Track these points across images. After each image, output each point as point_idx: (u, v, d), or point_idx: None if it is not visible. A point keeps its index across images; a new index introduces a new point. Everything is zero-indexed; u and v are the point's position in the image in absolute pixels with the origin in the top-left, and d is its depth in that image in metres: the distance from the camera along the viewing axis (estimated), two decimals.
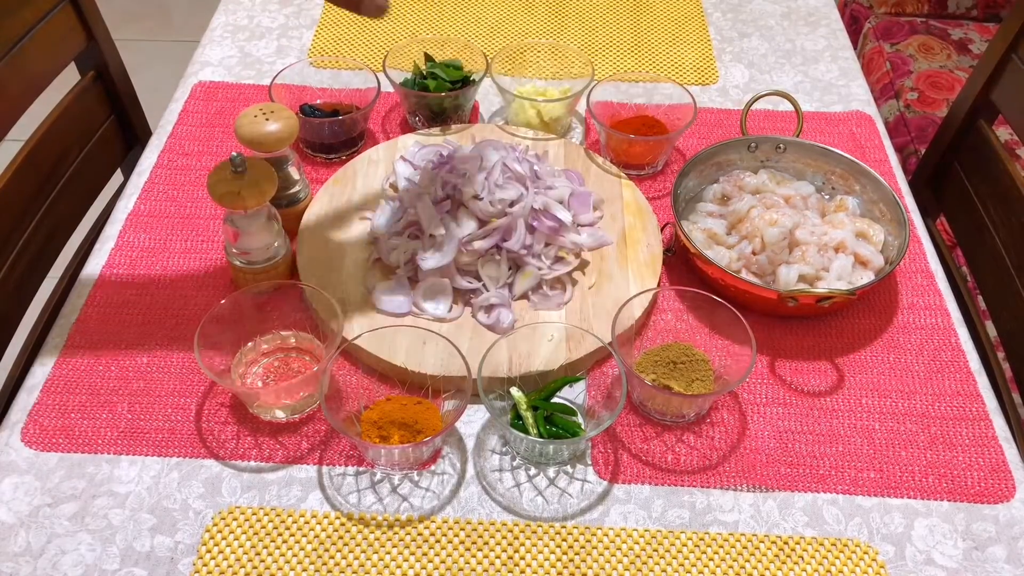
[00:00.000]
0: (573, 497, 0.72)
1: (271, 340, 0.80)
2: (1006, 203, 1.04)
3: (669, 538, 0.69)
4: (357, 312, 0.82)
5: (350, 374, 0.78)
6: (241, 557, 0.67)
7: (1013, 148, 1.51)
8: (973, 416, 0.78)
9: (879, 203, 0.91)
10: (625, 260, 0.87)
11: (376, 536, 0.69)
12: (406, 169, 0.93)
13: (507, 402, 0.75)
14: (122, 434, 0.74)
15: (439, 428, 0.71)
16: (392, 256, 0.84)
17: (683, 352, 0.78)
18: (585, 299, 0.84)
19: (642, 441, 0.76)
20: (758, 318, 0.83)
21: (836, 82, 1.15)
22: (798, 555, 0.69)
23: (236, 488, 0.71)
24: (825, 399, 0.79)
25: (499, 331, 0.80)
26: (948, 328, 0.86)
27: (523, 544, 0.69)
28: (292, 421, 0.76)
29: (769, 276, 0.85)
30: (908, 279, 0.90)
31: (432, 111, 1.02)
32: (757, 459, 0.75)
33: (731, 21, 1.26)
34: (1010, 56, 1.07)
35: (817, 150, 0.95)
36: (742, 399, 0.79)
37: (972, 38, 1.80)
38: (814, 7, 1.29)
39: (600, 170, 0.97)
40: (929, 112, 1.62)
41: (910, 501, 0.72)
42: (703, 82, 1.14)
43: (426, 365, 0.76)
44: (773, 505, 0.72)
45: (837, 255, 0.85)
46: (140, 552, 0.67)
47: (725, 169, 0.96)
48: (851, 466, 0.74)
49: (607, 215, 0.92)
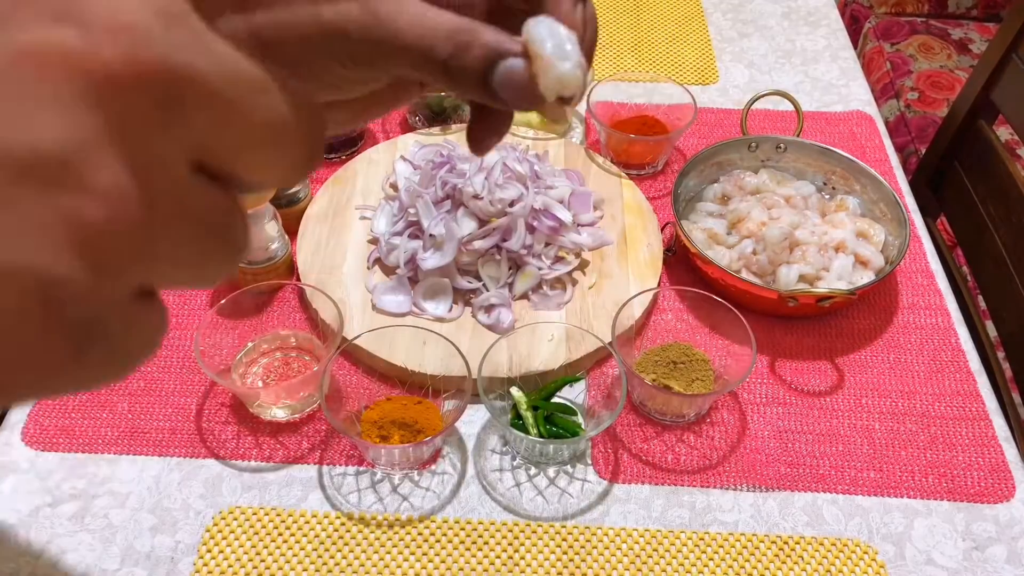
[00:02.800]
0: (573, 497, 0.72)
1: (271, 340, 0.80)
2: (1006, 203, 1.04)
3: (669, 538, 0.69)
4: (357, 312, 0.82)
5: (350, 374, 0.78)
6: (241, 557, 0.67)
7: (1013, 148, 1.51)
8: (973, 416, 0.78)
9: (879, 203, 0.91)
10: (625, 260, 0.87)
11: (376, 536, 0.69)
12: (406, 169, 0.93)
13: (507, 402, 0.75)
14: (122, 434, 0.74)
15: (439, 428, 0.71)
16: (392, 256, 0.84)
17: (683, 352, 0.78)
18: (585, 299, 0.84)
19: (642, 441, 0.76)
20: (758, 318, 0.83)
21: (836, 82, 1.15)
22: (798, 555, 0.69)
23: (236, 488, 0.71)
24: (825, 399, 0.79)
25: (499, 331, 0.80)
26: (948, 328, 0.86)
27: (523, 544, 0.69)
28: (292, 421, 0.76)
29: (769, 276, 0.85)
30: (908, 279, 0.90)
31: (432, 111, 1.02)
32: (757, 459, 0.75)
33: (731, 21, 1.25)
34: (1010, 56, 1.07)
35: (817, 150, 0.95)
36: (742, 399, 0.79)
37: (972, 38, 1.80)
38: (814, 7, 1.29)
39: (600, 170, 0.97)
40: (929, 112, 1.62)
41: (910, 501, 0.72)
42: (703, 82, 1.14)
43: (426, 365, 0.76)
44: (773, 505, 0.72)
45: (837, 255, 0.85)
46: (140, 552, 0.67)
47: (725, 169, 0.96)
48: (851, 466, 0.74)
49: (607, 215, 0.92)
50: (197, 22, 0.17)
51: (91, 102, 0.15)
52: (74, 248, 0.15)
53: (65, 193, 0.15)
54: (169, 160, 0.17)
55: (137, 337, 0.18)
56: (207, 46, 0.17)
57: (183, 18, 0.16)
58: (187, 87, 0.16)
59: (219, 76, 0.17)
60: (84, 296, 0.16)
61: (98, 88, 0.15)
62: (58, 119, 0.15)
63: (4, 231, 0.14)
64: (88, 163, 0.15)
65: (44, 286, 0.15)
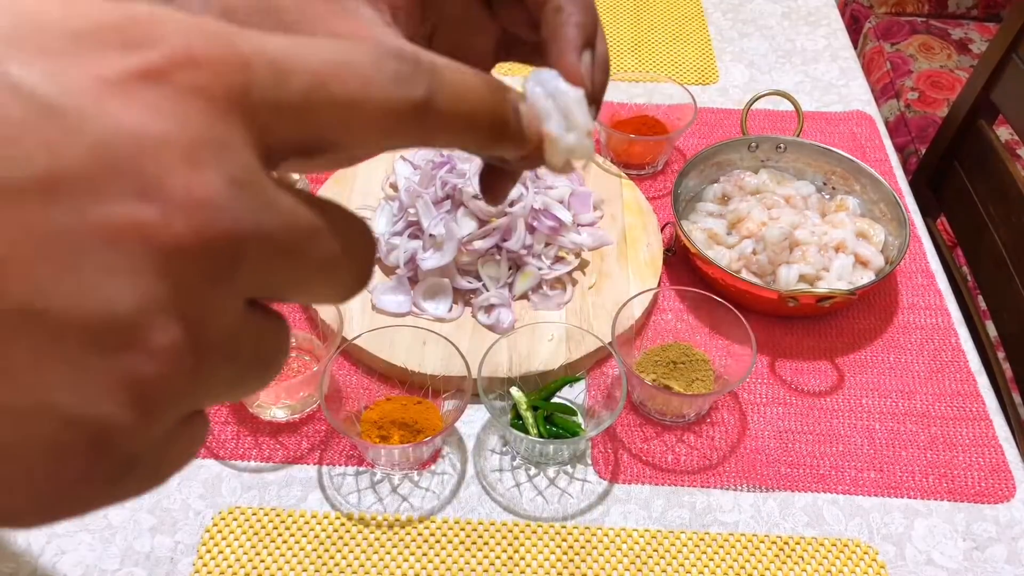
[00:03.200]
0: (573, 497, 0.72)
1: None
2: (1006, 203, 1.04)
3: (669, 538, 0.69)
4: (357, 312, 0.82)
5: (350, 374, 0.78)
6: (241, 557, 0.67)
7: (1013, 148, 1.51)
8: (973, 416, 0.78)
9: (879, 203, 0.91)
10: (625, 260, 0.87)
11: (376, 536, 0.69)
12: (406, 169, 0.93)
13: (507, 402, 0.75)
14: None
15: (439, 428, 0.71)
16: (392, 256, 0.84)
17: (683, 352, 0.78)
18: (585, 299, 0.84)
19: (642, 441, 0.76)
20: (758, 318, 0.83)
21: (836, 82, 1.15)
22: (798, 555, 0.69)
23: (236, 488, 0.71)
24: (825, 399, 0.79)
25: (499, 331, 0.80)
26: (948, 328, 0.86)
27: (523, 544, 0.69)
28: (292, 421, 0.76)
29: (769, 276, 0.85)
30: (908, 279, 0.90)
31: None
32: (757, 459, 0.75)
33: (731, 21, 1.25)
34: (1010, 56, 1.07)
35: (817, 150, 0.95)
36: (742, 399, 0.79)
37: (972, 38, 1.80)
38: (814, 7, 1.29)
39: (600, 170, 0.97)
40: (929, 112, 1.62)
41: (910, 501, 0.72)
42: (703, 82, 1.14)
43: (426, 365, 0.76)
44: (773, 505, 0.72)
45: (837, 255, 0.85)
46: (140, 552, 0.67)
47: (725, 169, 0.96)
48: (851, 466, 0.74)
49: (607, 215, 0.92)
50: (265, 181, 0.18)
51: (159, 271, 0.16)
52: (130, 399, 0.16)
53: (127, 353, 0.16)
54: (227, 308, 0.17)
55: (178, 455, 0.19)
56: (272, 203, 0.17)
57: (253, 183, 0.17)
58: (249, 247, 0.17)
59: (281, 230, 0.18)
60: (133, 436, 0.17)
61: (167, 258, 0.16)
62: (129, 287, 0.16)
63: (72, 384, 0.16)
64: (151, 327, 0.16)
65: (100, 431, 0.16)
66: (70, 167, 0.15)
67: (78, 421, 0.16)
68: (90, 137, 0.15)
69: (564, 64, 0.27)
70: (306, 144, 0.19)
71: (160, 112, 0.16)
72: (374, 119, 0.19)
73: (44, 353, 0.15)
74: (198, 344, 0.17)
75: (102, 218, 0.15)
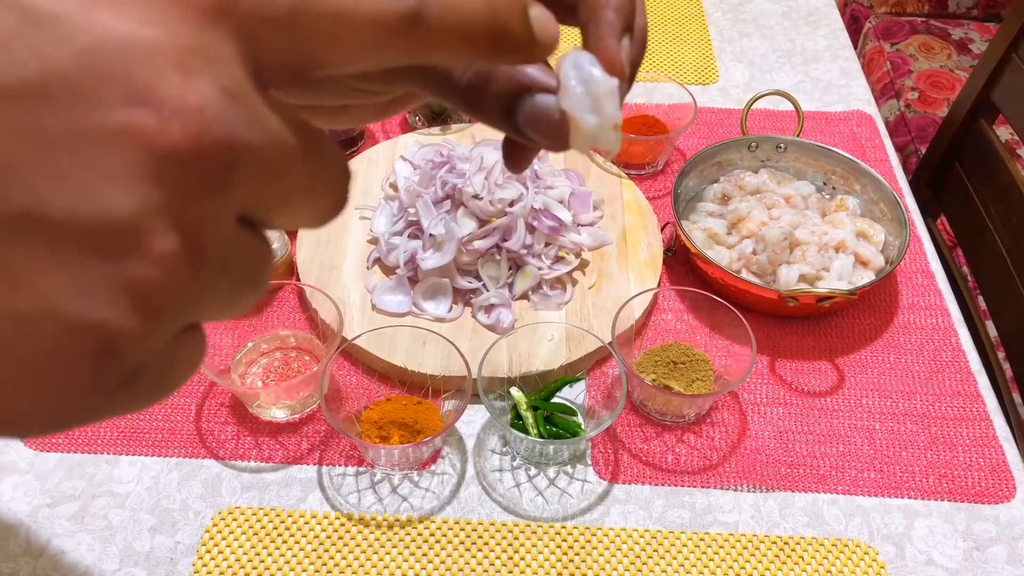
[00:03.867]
0: (573, 497, 0.72)
1: (271, 340, 0.80)
2: (1006, 203, 1.04)
3: (669, 538, 0.69)
4: (357, 312, 0.82)
5: (350, 374, 0.78)
6: (241, 557, 0.67)
7: (1013, 148, 1.51)
8: (973, 416, 0.78)
9: (879, 203, 0.91)
10: (625, 260, 0.87)
11: (376, 536, 0.69)
12: (406, 169, 0.93)
13: (507, 402, 0.75)
14: (122, 434, 0.74)
15: (439, 428, 0.71)
16: (392, 256, 0.84)
17: (683, 352, 0.78)
18: (585, 299, 0.84)
19: (642, 441, 0.76)
20: (758, 318, 0.83)
21: (836, 82, 1.15)
22: (798, 555, 0.69)
23: (236, 488, 0.71)
24: (825, 399, 0.79)
25: (499, 331, 0.80)
26: (948, 328, 0.86)
27: (523, 544, 0.69)
28: (292, 421, 0.76)
29: (769, 276, 0.85)
30: (908, 279, 0.90)
31: (432, 111, 1.02)
32: (757, 459, 0.75)
33: (731, 21, 1.25)
34: (1010, 56, 1.07)
35: (817, 150, 0.95)
36: (742, 399, 0.79)
37: (972, 38, 1.80)
38: (814, 7, 1.29)
39: (600, 170, 0.97)
40: (930, 112, 1.62)
41: (910, 501, 0.72)
42: (703, 82, 1.14)
43: (426, 365, 0.76)
44: (773, 505, 0.72)
45: (838, 255, 0.85)
46: (140, 552, 0.67)
47: (725, 169, 0.96)
48: (851, 466, 0.74)
49: (607, 215, 0.92)
50: (256, 97, 0.18)
51: (155, 176, 0.16)
52: (132, 305, 0.17)
53: (127, 258, 0.16)
54: (220, 220, 0.18)
55: (179, 367, 0.20)
56: (262, 121, 0.18)
57: (244, 96, 0.18)
58: (242, 158, 0.18)
59: (270, 147, 0.18)
60: (136, 343, 0.17)
61: (163, 163, 0.16)
62: (126, 192, 0.16)
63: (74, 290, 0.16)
64: (150, 232, 0.16)
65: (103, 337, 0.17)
66: (61, 71, 0.15)
67: (83, 327, 0.16)
68: (80, 43, 0.16)
69: (603, 50, 0.27)
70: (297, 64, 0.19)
71: (149, 21, 0.16)
72: (363, 32, 0.19)
73: (45, 259, 0.16)
74: (195, 253, 0.17)
75: (99, 123, 0.16)
